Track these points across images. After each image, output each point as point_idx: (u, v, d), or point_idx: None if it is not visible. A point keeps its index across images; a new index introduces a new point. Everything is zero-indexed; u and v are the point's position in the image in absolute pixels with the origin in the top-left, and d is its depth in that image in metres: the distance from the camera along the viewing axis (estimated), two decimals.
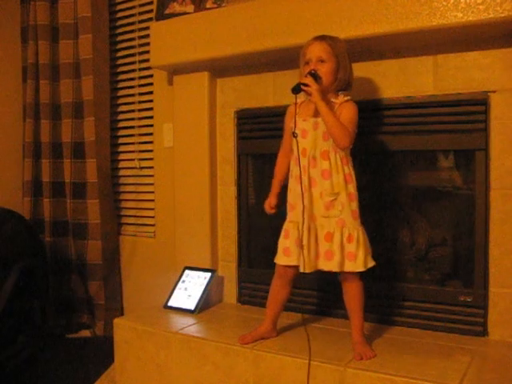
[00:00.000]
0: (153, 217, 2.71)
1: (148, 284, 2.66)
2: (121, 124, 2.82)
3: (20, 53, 2.93)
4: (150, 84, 2.66)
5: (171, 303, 2.21)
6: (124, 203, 2.83)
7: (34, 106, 2.82)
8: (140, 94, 2.72)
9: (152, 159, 2.69)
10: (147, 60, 2.48)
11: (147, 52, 2.47)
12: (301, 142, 1.66)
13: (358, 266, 1.62)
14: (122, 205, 2.84)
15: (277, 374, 1.66)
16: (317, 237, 1.65)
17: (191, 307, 2.14)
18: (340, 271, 1.63)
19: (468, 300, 1.79)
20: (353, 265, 1.62)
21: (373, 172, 2.03)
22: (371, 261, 1.65)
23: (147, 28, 2.50)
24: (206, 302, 2.19)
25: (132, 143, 2.77)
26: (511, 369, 1.52)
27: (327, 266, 1.62)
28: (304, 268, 1.63)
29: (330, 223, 1.63)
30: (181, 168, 2.39)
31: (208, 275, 2.23)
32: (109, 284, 2.73)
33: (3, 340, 2.15)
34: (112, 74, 2.78)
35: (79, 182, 2.73)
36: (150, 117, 2.68)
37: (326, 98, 1.63)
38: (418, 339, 1.77)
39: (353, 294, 1.66)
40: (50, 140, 2.78)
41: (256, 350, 1.71)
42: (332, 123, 1.59)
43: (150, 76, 2.65)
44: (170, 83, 2.48)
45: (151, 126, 2.68)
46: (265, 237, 2.22)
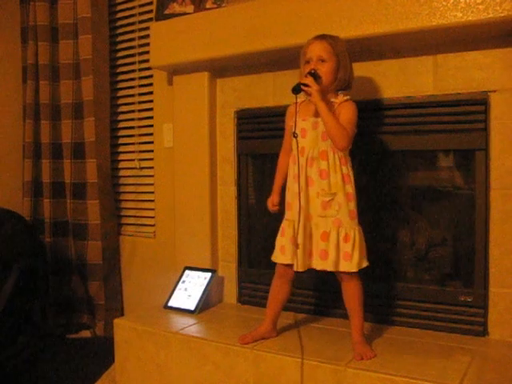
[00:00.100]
0: (153, 217, 2.71)
1: (148, 284, 2.66)
2: (121, 124, 2.82)
3: (20, 53, 2.93)
4: (150, 84, 2.66)
5: (171, 303, 2.21)
6: (124, 203, 2.83)
7: (34, 107, 2.82)
8: (140, 95, 2.72)
9: (152, 159, 2.69)
10: (147, 60, 2.48)
11: (147, 52, 2.47)
12: (300, 142, 1.66)
13: (353, 266, 1.61)
14: (122, 205, 2.84)
15: (277, 374, 1.66)
16: (311, 236, 1.65)
17: (191, 307, 2.14)
18: (335, 271, 1.63)
19: (468, 300, 1.79)
20: (348, 265, 1.62)
21: (373, 172, 2.03)
22: (365, 261, 1.65)
23: (147, 28, 2.50)
24: (206, 302, 2.19)
25: (132, 143, 2.77)
26: (511, 369, 1.52)
27: (322, 266, 1.62)
28: (297, 267, 1.63)
29: (327, 223, 1.63)
30: (181, 168, 2.39)
31: (208, 275, 2.23)
32: (109, 284, 2.73)
33: (3, 340, 2.16)
34: (112, 75, 2.78)
35: (79, 183, 2.73)
36: (150, 117, 2.68)
37: (326, 98, 1.63)
38: (418, 339, 1.77)
39: (351, 294, 1.66)
40: (50, 140, 2.78)
41: (256, 350, 1.71)
42: (331, 124, 1.58)
43: (150, 76, 2.65)
44: (170, 83, 2.48)
45: (151, 126, 2.68)
46: (265, 237, 2.22)
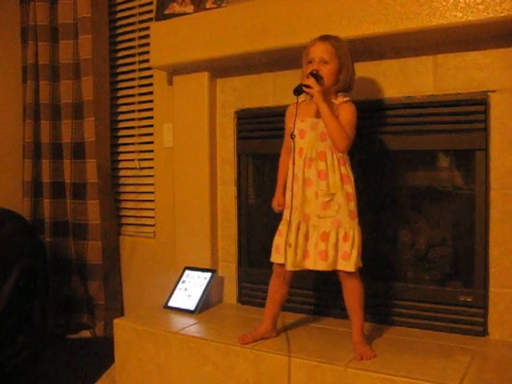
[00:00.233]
0: (153, 217, 2.71)
1: (148, 284, 2.66)
2: (121, 124, 2.82)
3: (20, 53, 2.93)
4: (150, 84, 2.66)
5: (171, 303, 2.21)
6: (124, 203, 2.83)
7: (34, 107, 2.82)
8: (140, 95, 2.72)
9: (152, 159, 2.69)
10: (147, 60, 2.48)
11: (147, 52, 2.47)
12: (298, 142, 1.66)
13: (351, 266, 1.61)
14: (122, 205, 2.84)
15: (277, 374, 1.66)
16: (308, 236, 1.65)
17: (191, 307, 2.14)
18: (334, 270, 1.63)
19: (468, 300, 1.79)
20: (346, 264, 1.61)
21: (373, 172, 2.03)
22: (360, 262, 1.65)
23: (147, 28, 2.50)
24: (206, 302, 2.19)
25: (132, 143, 2.77)
26: (511, 369, 1.52)
27: (322, 266, 1.62)
28: (288, 266, 1.64)
29: (326, 223, 1.63)
30: (181, 168, 2.39)
31: (208, 275, 2.23)
32: (109, 284, 2.73)
33: (3, 340, 2.15)
34: (112, 75, 2.78)
35: (79, 183, 2.73)
36: (150, 117, 2.68)
37: (328, 100, 1.63)
38: (418, 339, 1.77)
39: (352, 294, 1.66)
40: (50, 140, 2.78)
41: (256, 350, 1.71)
42: (332, 126, 1.58)
43: (150, 76, 2.65)
44: (170, 83, 2.48)
45: (151, 126, 2.68)
46: (265, 237, 2.21)
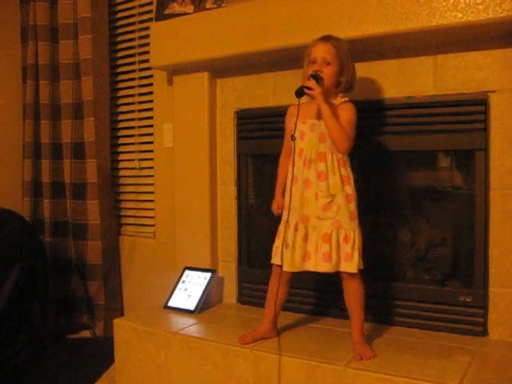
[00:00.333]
0: (153, 217, 2.71)
1: (148, 284, 2.66)
2: (121, 124, 2.82)
3: (20, 53, 2.93)
4: (150, 84, 2.66)
5: (171, 303, 2.21)
6: (124, 203, 2.83)
7: (34, 107, 2.82)
8: (140, 95, 2.72)
9: (152, 159, 2.69)
10: (147, 60, 2.48)
11: (147, 52, 2.47)
12: (298, 143, 1.66)
13: (353, 267, 1.61)
14: (122, 205, 2.84)
15: (276, 374, 1.66)
16: (307, 237, 1.65)
17: (191, 307, 2.14)
18: (336, 271, 1.63)
19: (468, 300, 1.79)
20: (349, 265, 1.61)
21: (373, 172, 2.03)
22: (361, 263, 1.65)
23: (147, 28, 2.50)
24: (206, 302, 2.19)
25: (132, 143, 2.77)
26: (511, 369, 1.52)
27: (324, 268, 1.61)
28: (285, 267, 1.64)
29: (326, 224, 1.62)
30: (181, 168, 2.39)
31: (208, 275, 2.23)
32: (109, 284, 2.73)
33: (3, 340, 2.15)
34: (112, 75, 2.78)
35: (79, 183, 2.73)
36: (150, 117, 2.68)
37: (329, 101, 1.63)
38: (418, 339, 1.77)
39: (353, 294, 1.66)
40: (50, 140, 2.78)
41: (256, 350, 1.71)
42: (334, 127, 1.58)
43: (150, 76, 2.65)
44: (170, 83, 2.48)
45: (151, 127, 2.68)
46: (265, 237, 2.21)
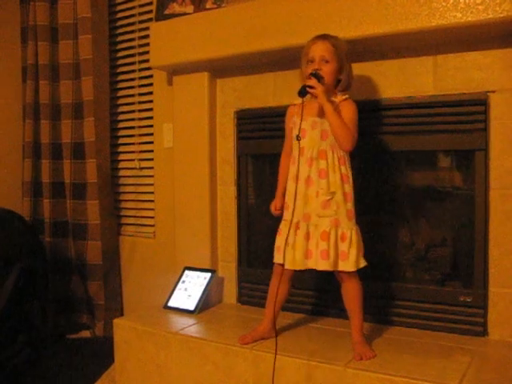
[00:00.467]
0: (153, 217, 2.71)
1: (148, 284, 2.66)
2: (121, 124, 2.82)
3: (20, 53, 2.93)
4: (150, 84, 2.66)
5: (171, 303, 2.21)
6: (124, 203, 2.83)
7: (34, 107, 2.82)
8: (140, 95, 2.72)
9: (152, 159, 2.69)
10: (147, 60, 2.47)
11: (147, 52, 2.47)
12: (300, 142, 1.65)
13: (350, 266, 1.61)
14: (122, 205, 2.84)
15: (276, 374, 1.65)
16: (309, 235, 1.64)
17: (191, 307, 2.14)
18: (334, 270, 1.63)
19: (468, 300, 1.79)
20: (345, 264, 1.62)
21: (373, 172, 2.03)
22: (363, 261, 1.65)
23: (147, 28, 2.50)
24: (206, 303, 2.19)
25: (132, 143, 2.77)
26: (511, 369, 1.52)
27: (324, 266, 1.61)
28: (287, 265, 1.64)
29: (325, 222, 1.63)
30: (181, 168, 2.39)
31: (208, 275, 2.23)
32: (109, 284, 2.73)
33: (3, 340, 2.15)
34: (112, 75, 2.78)
35: (79, 183, 2.73)
36: (150, 117, 2.68)
37: (330, 99, 1.63)
38: (418, 339, 1.77)
39: (351, 294, 1.66)
40: (50, 140, 2.78)
41: (255, 351, 1.71)
42: (337, 124, 1.58)
43: (150, 76, 2.65)
44: (170, 83, 2.48)
45: (151, 127, 2.68)
46: (265, 237, 2.22)
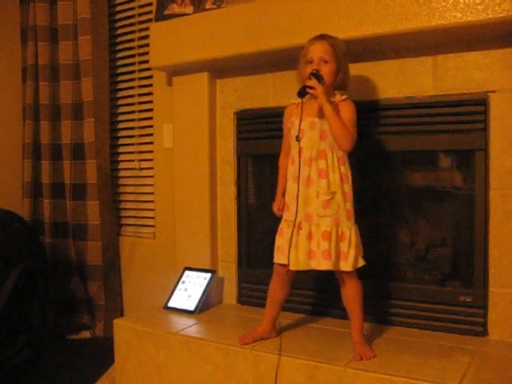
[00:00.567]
0: (153, 217, 2.71)
1: (148, 285, 2.66)
2: (120, 125, 2.82)
3: (20, 54, 2.93)
4: (150, 85, 2.66)
5: (171, 304, 2.21)
6: (124, 204, 2.83)
7: (34, 107, 2.82)
8: (140, 95, 2.72)
9: (152, 160, 2.69)
10: (147, 61, 2.47)
11: (147, 53, 2.47)
12: (297, 143, 1.65)
13: (348, 266, 1.62)
14: (122, 206, 2.83)
15: (277, 375, 1.66)
16: (311, 236, 1.64)
17: (191, 308, 2.14)
18: (335, 270, 1.63)
19: (468, 300, 1.79)
20: (344, 264, 1.62)
21: (372, 172, 2.03)
22: (361, 261, 1.65)
23: (147, 29, 2.50)
24: (206, 303, 2.19)
25: (132, 144, 2.77)
26: (511, 369, 1.52)
27: (325, 265, 1.61)
28: (292, 266, 1.63)
29: (326, 222, 1.63)
30: (181, 169, 2.39)
31: (208, 276, 2.23)
32: (109, 285, 2.73)
33: (3, 340, 2.15)
34: (112, 75, 2.78)
35: (79, 183, 2.72)
36: (150, 118, 2.68)
37: (329, 100, 1.63)
38: (418, 339, 1.77)
39: (351, 295, 1.66)
40: (50, 141, 2.78)
41: (256, 351, 1.71)
42: (337, 125, 1.59)
43: (150, 77, 2.64)
44: (170, 84, 2.48)
45: (151, 127, 2.68)
46: (265, 237, 2.22)
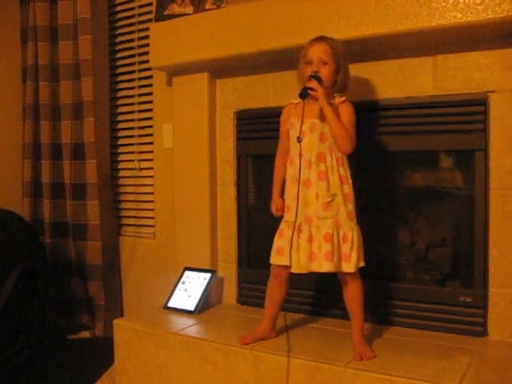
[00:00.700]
0: (153, 217, 2.71)
1: (148, 285, 2.66)
2: (120, 125, 2.82)
3: (20, 54, 2.93)
4: (150, 85, 2.66)
5: (171, 304, 2.21)
6: (124, 204, 2.83)
7: (34, 107, 2.82)
8: (140, 95, 2.72)
9: (152, 160, 2.69)
10: (147, 61, 2.47)
11: (147, 53, 2.47)
12: (298, 144, 1.65)
13: (351, 267, 1.62)
14: (122, 206, 2.83)
15: (276, 375, 1.65)
16: (312, 238, 1.64)
17: (191, 308, 2.14)
18: (337, 272, 1.63)
19: (468, 300, 1.79)
20: (347, 265, 1.62)
21: (372, 172, 2.03)
22: (362, 262, 1.65)
23: (147, 29, 2.50)
24: (206, 303, 2.19)
25: (132, 144, 2.77)
26: (511, 369, 1.52)
27: (326, 267, 1.61)
28: (294, 268, 1.63)
29: (327, 224, 1.62)
30: (180, 169, 2.39)
31: (208, 276, 2.23)
32: (109, 285, 2.73)
33: (3, 340, 2.15)
34: (112, 75, 2.78)
35: (79, 183, 2.72)
36: (150, 118, 2.68)
37: (329, 101, 1.63)
38: (418, 339, 1.77)
39: (353, 295, 1.66)
40: (50, 141, 2.78)
41: (256, 351, 1.71)
42: (337, 127, 1.59)
43: (150, 77, 2.64)
44: (170, 84, 2.48)
45: (151, 127, 2.68)
46: (265, 237, 2.21)
